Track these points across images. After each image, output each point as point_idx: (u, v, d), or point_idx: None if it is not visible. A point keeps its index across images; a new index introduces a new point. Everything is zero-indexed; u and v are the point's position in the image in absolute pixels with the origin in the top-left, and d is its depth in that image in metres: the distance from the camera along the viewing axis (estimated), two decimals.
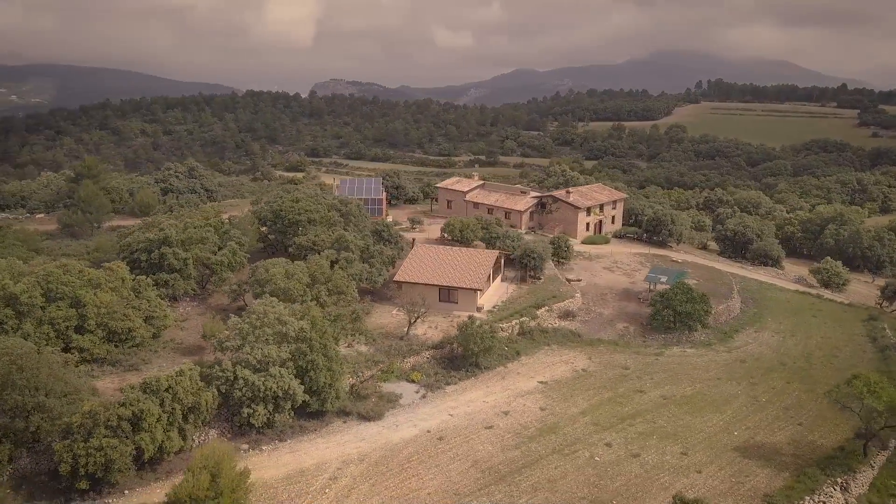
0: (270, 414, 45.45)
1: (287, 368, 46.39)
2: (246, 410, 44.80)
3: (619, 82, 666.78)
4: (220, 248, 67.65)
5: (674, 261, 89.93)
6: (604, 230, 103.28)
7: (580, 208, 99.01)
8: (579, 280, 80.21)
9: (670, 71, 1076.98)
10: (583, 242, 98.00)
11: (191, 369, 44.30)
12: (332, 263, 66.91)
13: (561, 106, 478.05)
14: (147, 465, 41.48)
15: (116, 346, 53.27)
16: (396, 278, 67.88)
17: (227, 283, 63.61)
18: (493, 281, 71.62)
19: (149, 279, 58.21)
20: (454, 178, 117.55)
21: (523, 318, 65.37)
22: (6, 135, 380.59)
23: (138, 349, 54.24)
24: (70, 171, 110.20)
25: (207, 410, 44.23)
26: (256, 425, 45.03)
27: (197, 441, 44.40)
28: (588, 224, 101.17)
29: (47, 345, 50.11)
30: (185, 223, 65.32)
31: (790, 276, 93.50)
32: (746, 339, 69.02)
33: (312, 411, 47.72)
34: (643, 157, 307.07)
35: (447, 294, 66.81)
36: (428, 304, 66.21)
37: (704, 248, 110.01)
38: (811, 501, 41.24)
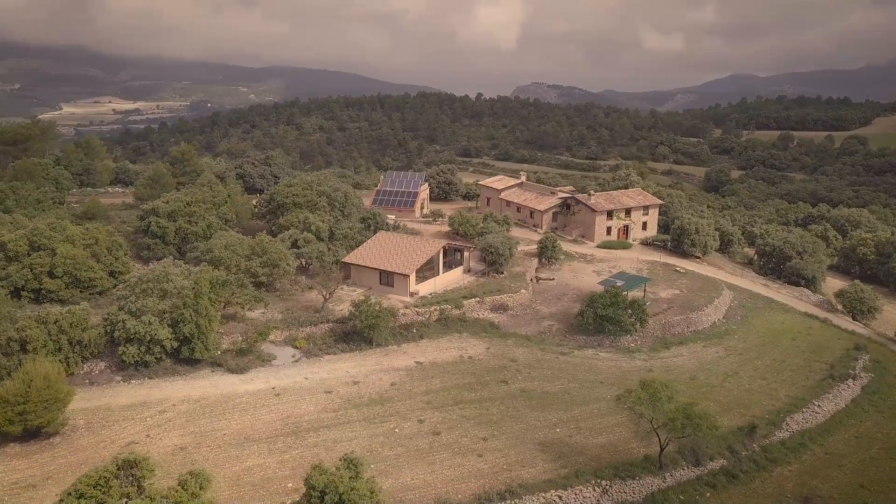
0: (142, 354, 54.09)
1: (163, 319, 54.83)
2: (121, 349, 53.92)
3: (851, 89, 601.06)
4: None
5: (676, 270, 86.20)
6: (630, 236, 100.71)
7: (597, 211, 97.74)
8: (551, 279, 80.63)
9: None
10: (598, 246, 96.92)
11: (82, 309, 54.38)
12: (294, 242, 74.88)
13: (739, 112, 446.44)
14: None
15: (81, 292, 65.40)
16: (345, 260, 73.98)
17: (195, 250, 73.89)
18: (443, 270, 74.94)
19: (121, 240, 70.07)
20: (497, 177, 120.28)
21: (445, 306, 68.37)
22: (213, 127, 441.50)
23: (100, 296, 66.04)
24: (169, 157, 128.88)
25: (94, 345, 53.99)
26: (128, 362, 53.89)
27: (86, 369, 54.38)
28: (609, 228, 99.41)
29: (25, 284, 63.74)
30: (176, 197, 76.71)
31: (812, 299, 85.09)
32: (683, 351, 66.03)
33: (186, 358, 55.70)
34: (806, 169, 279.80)
35: (386, 278, 71.64)
36: (371, 286, 72.06)
37: (749, 262, 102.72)
38: (556, 495, 41.41)
